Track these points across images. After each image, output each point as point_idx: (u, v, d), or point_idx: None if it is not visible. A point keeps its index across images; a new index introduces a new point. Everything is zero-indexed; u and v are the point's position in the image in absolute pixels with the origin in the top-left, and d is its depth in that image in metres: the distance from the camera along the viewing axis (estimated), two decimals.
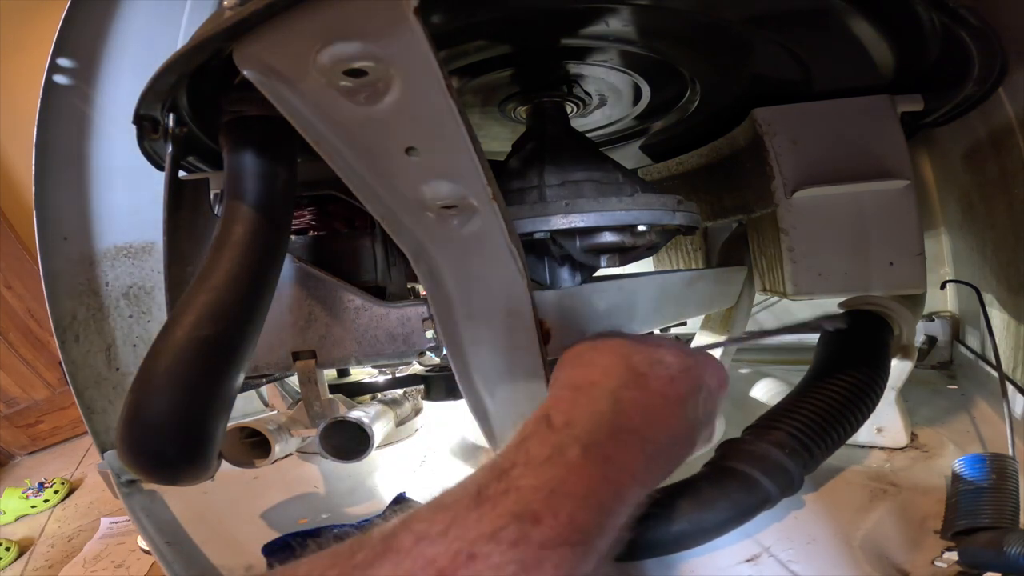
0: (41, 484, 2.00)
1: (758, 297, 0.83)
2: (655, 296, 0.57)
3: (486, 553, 0.25)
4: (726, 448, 0.52)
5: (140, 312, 0.83)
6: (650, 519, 0.46)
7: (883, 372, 0.57)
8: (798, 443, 0.50)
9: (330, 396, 0.82)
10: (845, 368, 0.56)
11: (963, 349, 0.85)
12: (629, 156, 0.90)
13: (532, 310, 0.43)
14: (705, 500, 0.47)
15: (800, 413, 0.52)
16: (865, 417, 0.54)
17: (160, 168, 0.54)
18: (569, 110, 0.68)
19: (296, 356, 0.54)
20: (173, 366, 0.37)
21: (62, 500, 2.01)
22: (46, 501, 1.97)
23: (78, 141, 0.76)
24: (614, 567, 0.46)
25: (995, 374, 0.64)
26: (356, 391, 0.89)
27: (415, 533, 0.26)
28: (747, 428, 0.54)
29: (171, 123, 0.48)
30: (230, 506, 0.72)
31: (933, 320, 0.90)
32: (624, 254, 0.58)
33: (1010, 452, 0.53)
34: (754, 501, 0.48)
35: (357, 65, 0.31)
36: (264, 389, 1.05)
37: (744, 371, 0.94)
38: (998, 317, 0.70)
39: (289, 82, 0.33)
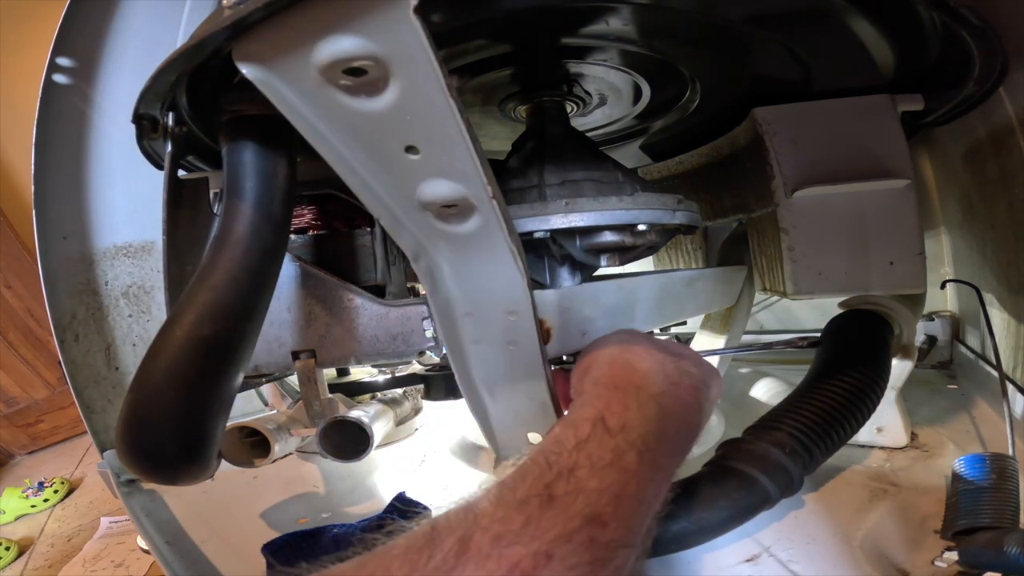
0: (41, 483, 2.00)
1: (758, 296, 0.83)
2: (655, 296, 0.57)
3: (563, 554, 0.27)
4: (727, 448, 0.52)
5: (139, 311, 0.83)
6: None
7: (884, 372, 0.57)
8: (798, 443, 0.50)
9: (330, 395, 0.82)
10: (846, 368, 0.56)
11: (963, 349, 0.85)
12: (629, 155, 0.90)
13: (532, 309, 0.43)
14: (705, 499, 0.47)
15: (801, 413, 0.52)
16: (866, 417, 0.54)
17: (159, 167, 0.54)
18: (569, 109, 0.68)
19: (296, 355, 0.54)
20: (172, 365, 0.37)
21: (62, 500, 2.01)
22: (46, 500, 1.97)
23: (77, 140, 0.76)
24: None
25: (995, 374, 0.64)
26: (356, 390, 0.89)
27: (492, 533, 0.27)
28: (748, 428, 0.54)
29: (170, 122, 0.48)
30: (230, 506, 0.72)
31: (933, 320, 0.90)
32: (624, 253, 0.58)
33: (1010, 452, 0.53)
34: (754, 501, 0.48)
35: (357, 64, 0.31)
36: (264, 388, 1.05)
37: (744, 371, 0.94)
38: (998, 317, 0.70)
39: (288, 81, 0.33)
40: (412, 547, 0.27)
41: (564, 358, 0.56)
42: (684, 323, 1.01)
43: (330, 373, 0.94)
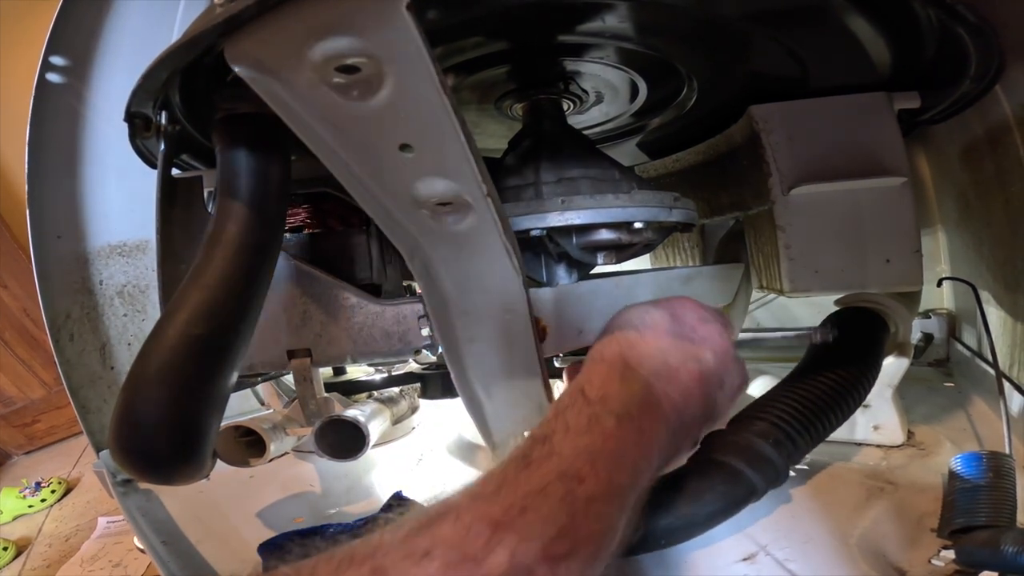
0: (38, 483, 1.99)
1: (755, 294, 0.82)
2: (652, 293, 0.57)
3: (537, 505, 0.27)
4: (710, 440, 0.51)
5: (135, 311, 0.83)
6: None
7: (872, 367, 0.57)
8: (782, 433, 0.49)
9: (325, 395, 0.81)
10: (833, 363, 0.55)
11: (960, 346, 0.85)
12: (626, 153, 0.90)
13: (527, 308, 0.43)
14: (691, 493, 0.47)
15: (784, 403, 0.52)
16: (851, 411, 0.54)
17: (153, 166, 0.54)
18: (566, 107, 0.68)
19: (291, 354, 0.53)
20: (165, 365, 0.37)
21: (59, 499, 2.01)
22: (43, 500, 1.97)
23: (72, 139, 0.76)
24: (612, 565, 0.46)
25: (992, 371, 0.64)
26: (352, 389, 0.89)
27: (470, 494, 0.28)
28: (731, 419, 0.53)
29: (163, 120, 0.48)
30: (226, 505, 0.72)
31: (930, 317, 0.90)
32: (621, 251, 0.57)
33: (1007, 450, 0.53)
34: (740, 493, 0.47)
35: (350, 61, 0.31)
36: (260, 388, 1.05)
37: None
38: (995, 314, 0.70)
39: (281, 79, 0.33)
40: (411, 516, 0.28)
41: (561, 355, 0.56)
42: None
43: (326, 372, 0.94)
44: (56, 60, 0.71)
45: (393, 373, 0.91)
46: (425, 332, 0.51)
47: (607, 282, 0.52)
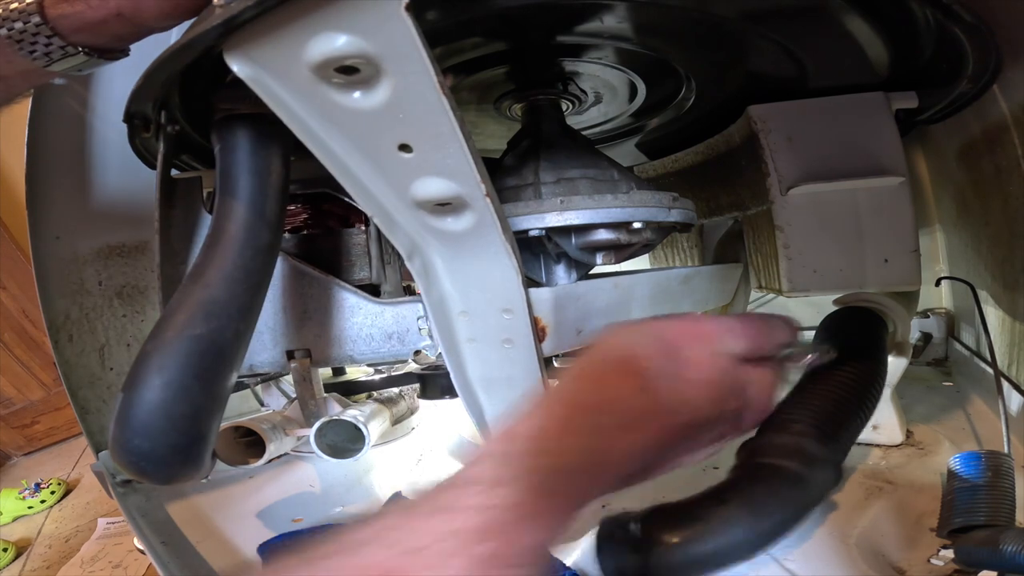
0: (38, 485, 1.99)
1: (754, 294, 0.83)
2: (651, 293, 0.57)
3: (438, 549, 0.25)
4: (754, 445, 0.46)
5: (134, 311, 0.83)
6: (700, 533, 0.40)
7: (883, 366, 0.57)
8: (823, 433, 0.45)
9: (325, 395, 0.81)
10: (844, 361, 0.55)
11: (958, 346, 0.85)
12: (625, 153, 0.90)
13: (527, 308, 0.43)
14: (759, 503, 0.41)
15: (814, 405, 0.48)
16: (875, 405, 0.52)
17: (152, 167, 0.54)
18: (564, 107, 0.68)
19: (291, 355, 0.54)
20: (164, 365, 0.37)
21: (59, 501, 2.00)
22: (43, 502, 1.96)
23: (70, 140, 0.76)
24: None
25: (990, 371, 0.64)
26: (351, 390, 0.89)
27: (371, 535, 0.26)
28: (761, 424, 0.51)
29: (163, 121, 0.48)
30: (226, 505, 0.72)
31: (928, 317, 0.90)
32: (620, 251, 0.57)
33: (1006, 449, 0.53)
34: (808, 498, 0.42)
35: (349, 62, 0.31)
36: (259, 388, 1.05)
37: None
38: (993, 314, 0.70)
39: (280, 79, 0.33)
40: (329, 548, 0.27)
41: (560, 355, 0.56)
42: None
43: (326, 372, 0.94)
44: None
45: (393, 373, 0.91)
46: (425, 332, 0.51)
47: (606, 282, 0.52)
